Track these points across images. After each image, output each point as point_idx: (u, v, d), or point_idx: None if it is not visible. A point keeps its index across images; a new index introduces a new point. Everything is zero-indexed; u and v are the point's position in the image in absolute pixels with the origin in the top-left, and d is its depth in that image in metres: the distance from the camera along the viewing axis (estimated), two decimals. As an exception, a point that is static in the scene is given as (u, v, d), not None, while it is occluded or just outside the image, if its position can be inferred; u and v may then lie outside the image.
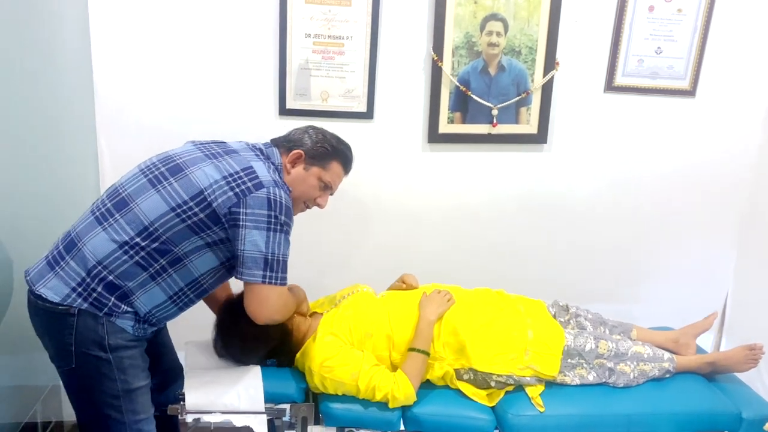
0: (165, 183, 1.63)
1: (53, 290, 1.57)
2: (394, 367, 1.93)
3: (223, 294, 1.95)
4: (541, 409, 1.90)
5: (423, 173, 2.57)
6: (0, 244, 1.83)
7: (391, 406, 1.84)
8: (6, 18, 1.86)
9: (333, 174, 1.85)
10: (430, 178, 2.58)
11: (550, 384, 1.98)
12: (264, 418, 1.79)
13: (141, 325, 1.64)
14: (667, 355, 2.08)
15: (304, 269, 2.47)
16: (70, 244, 1.62)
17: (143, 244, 1.58)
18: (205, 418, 1.78)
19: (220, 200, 1.59)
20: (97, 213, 1.64)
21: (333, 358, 1.85)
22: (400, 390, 1.82)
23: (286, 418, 1.90)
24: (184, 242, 1.60)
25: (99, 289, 1.57)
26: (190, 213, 1.59)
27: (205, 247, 1.63)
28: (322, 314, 2.03)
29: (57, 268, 1.60)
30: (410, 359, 1.89)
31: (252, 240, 1.57)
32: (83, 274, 1.58)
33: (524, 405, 1.92)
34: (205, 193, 1.60)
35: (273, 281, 1.60)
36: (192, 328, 1.98)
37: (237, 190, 1.59)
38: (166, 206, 1.59)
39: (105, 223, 1.61)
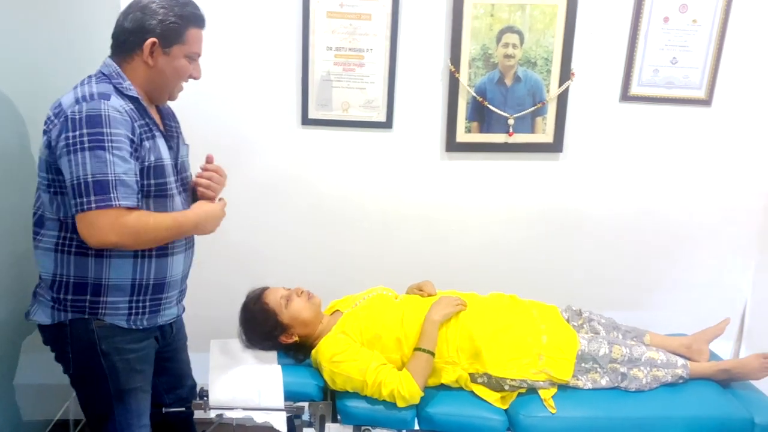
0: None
1: (42, 316, 1.64)
2: None
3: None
4: (553, 411, 1.94)
5: (441, 181, 2.62)
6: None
7: (398, 404, 1.88)
8: (37, 23, 1.90)
9: (194, 42, 1.65)
10: (449, 186, 2.63)
11: (563, 387, 2.02)
12: (283, 415, 1.85)
13: (137, 314, 1.64)
14: (681, 361, 2.10)
15: (326, 275, 2.56)
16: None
17: (40, 231, 1.60)
18: (228, 414, 1.86)
19: (44, 156, 1.55)
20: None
21: (342, 353, 1.92)
22: (405, 388, 1.86)
23: (305, 416, 1.96)
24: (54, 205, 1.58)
25: (69, 296, 1.60)
26: (46, 182, 1.57)
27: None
28: (342, 313, 2.11)
29: (37, 293, 1.67)
30: (415, 358, 1.94)
31: (64, 170, 1.48)
32: (49, 290, 1.62)
33: (536, 406, 1.95)
34: (42, 159, 1.57)
35: (84, 207, 1.45)
36: (213, 331, 2.10)
37: (47, 135, 1.53)
38: (38, 191, 1.62)
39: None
